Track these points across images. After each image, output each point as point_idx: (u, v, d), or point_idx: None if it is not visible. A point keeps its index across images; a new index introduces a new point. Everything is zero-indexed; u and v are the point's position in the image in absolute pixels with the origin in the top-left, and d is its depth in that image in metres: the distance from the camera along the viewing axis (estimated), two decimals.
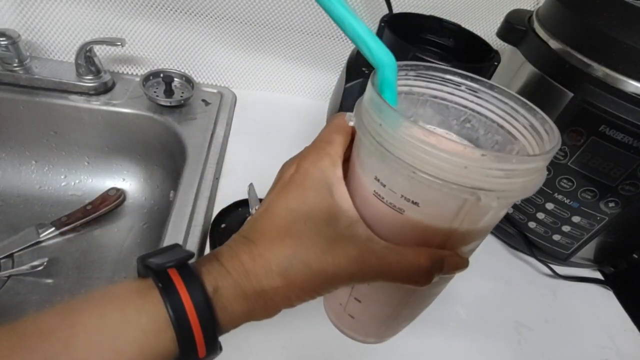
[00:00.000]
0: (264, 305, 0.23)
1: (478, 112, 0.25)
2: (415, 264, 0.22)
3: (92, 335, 0.20)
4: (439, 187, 0.19)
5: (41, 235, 0.57)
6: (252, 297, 0.22)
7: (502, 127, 0.25)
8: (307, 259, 0.22)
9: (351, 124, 0.23)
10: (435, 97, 0.26)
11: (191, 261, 0.23)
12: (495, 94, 0.25)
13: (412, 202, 0.21)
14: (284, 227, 0.23)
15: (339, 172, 0.24)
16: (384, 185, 0.21)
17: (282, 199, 0.24)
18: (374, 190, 0.22)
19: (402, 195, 0.21)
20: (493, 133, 0.25)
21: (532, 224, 0.51)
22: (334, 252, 0.22)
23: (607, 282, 0.55)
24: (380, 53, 0.21)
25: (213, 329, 0.21)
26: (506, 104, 0.24)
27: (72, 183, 0.65)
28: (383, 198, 0.22)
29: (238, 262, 0.22)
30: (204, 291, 0.21)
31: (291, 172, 0.24)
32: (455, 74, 0.25)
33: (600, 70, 0.40)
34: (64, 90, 0.60)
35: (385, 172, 0.21)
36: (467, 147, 0.18)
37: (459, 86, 0.25)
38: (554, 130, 0.21)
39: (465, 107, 0.26)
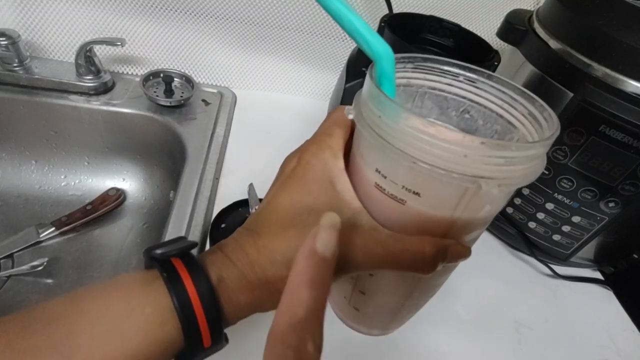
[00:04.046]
0: (270, 295, 0.22)
1: (477, 103, 0.25)
2: (419, 252, 0.22)
3: (96, 322, 0.20)
4: (439, 176, 0.19)
5: (41, 235, 0.57)
6: (257, 287, 0.22)
7: (501, 116, 0.24)
8: None
9: (350, 117, 0.23)
10: (434, 88, 0.26)
11: (195, 253, 0.23)
12: (494, 84, 0.24)
13: (414, 192, 0.21)
14: (288, 219, 0.23)
15: (341, 163, 0.24)
16: (385, 177, 0.21)
17: (285, 192, 0.24)
18: (375, 182, 0.22)
19: (403, 186, 0.21)
20: (492, 123, 0.25)
21: (532, 224, 0.51)
22: (339, 242, 0.22)
23: (607, 282, 0.55)
24: (377, 46, 0.21)
25: (218, 318, 0.21)
26: (505, 93, 0.24)
27: (72, 183, 0.65)
28: (385, 189, 0.22)
29: (242, 253, 0.22)
30: (208, 280, 0.21)
31: (293, 165, 0.24)
32: (453, 64, 0.25)
33: (600, 70, 0.40)
34: (64, 90, 0.60)
35: (386, 164, 0.21)
36: (467, 136, 0.18)
37: (457, 77, 0.25)
38: (552, 117, 0.21)
39: (464, 97, 0.26)
